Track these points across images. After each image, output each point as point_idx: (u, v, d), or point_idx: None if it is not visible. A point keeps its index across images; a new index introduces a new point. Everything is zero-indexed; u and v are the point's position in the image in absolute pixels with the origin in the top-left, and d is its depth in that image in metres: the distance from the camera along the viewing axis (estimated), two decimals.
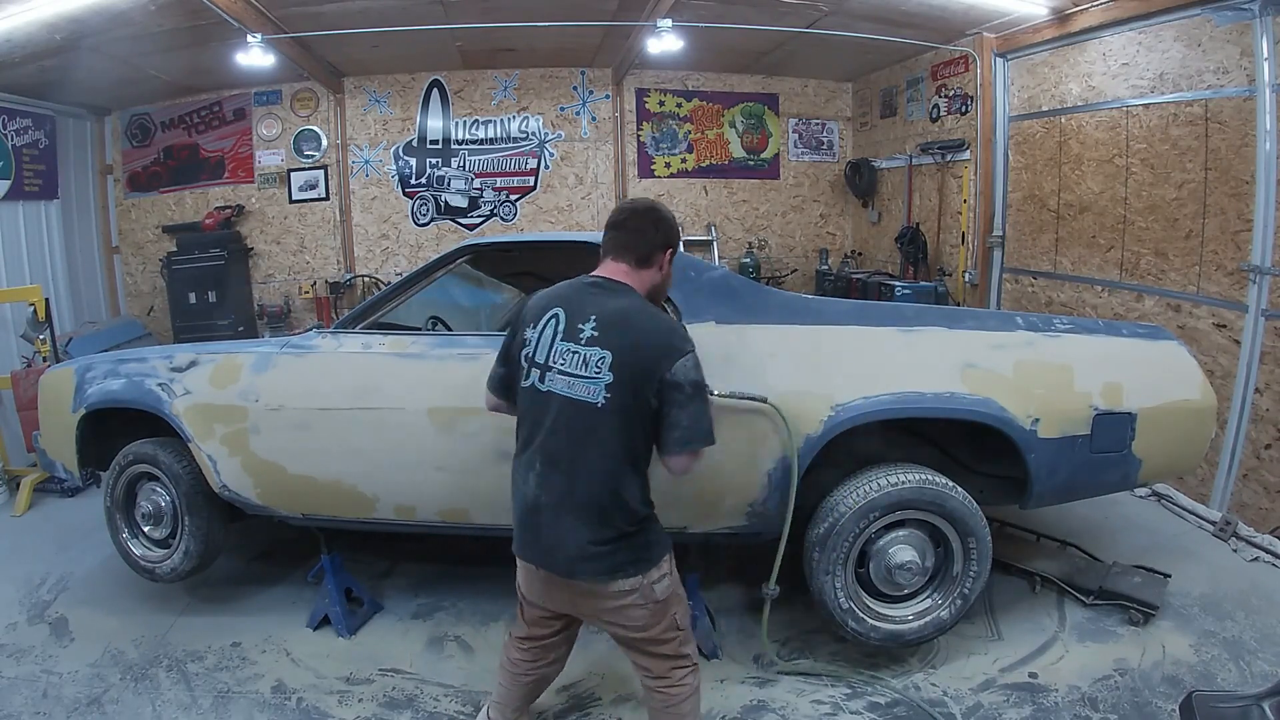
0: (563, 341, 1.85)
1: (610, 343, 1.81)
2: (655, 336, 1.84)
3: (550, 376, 1.84)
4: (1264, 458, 4.08)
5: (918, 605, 2.63)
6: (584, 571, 1.85)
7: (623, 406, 1.79)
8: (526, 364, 1.90)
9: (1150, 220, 4.68)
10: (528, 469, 1.88)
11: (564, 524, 1.84)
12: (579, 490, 1.82)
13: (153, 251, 7.47)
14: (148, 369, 3.07)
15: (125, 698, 2.66)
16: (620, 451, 1.82)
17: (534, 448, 1.87)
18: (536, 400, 1.87)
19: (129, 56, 5.80)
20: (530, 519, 1.89)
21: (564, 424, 1.82)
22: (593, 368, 1.79)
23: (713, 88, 7.94)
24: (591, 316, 1.84)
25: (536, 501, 1.87)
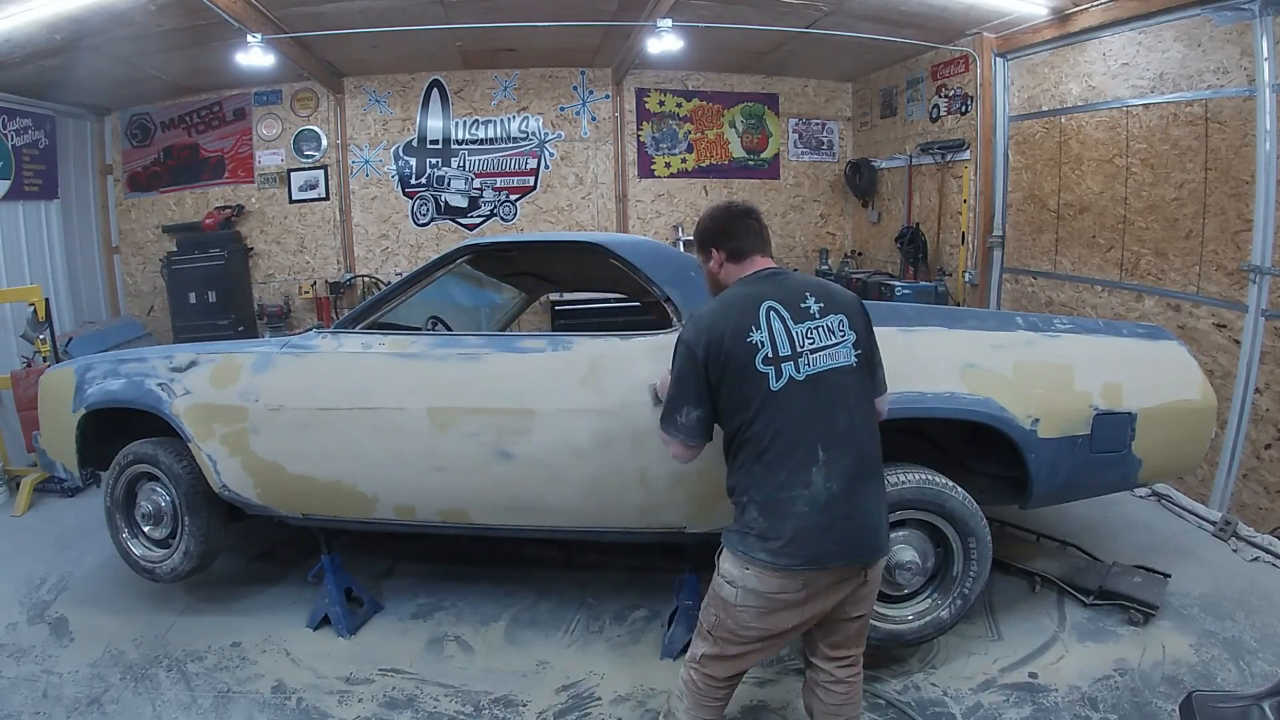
0: (798, 324, 1.85)
1: (837, 307, 1.92)
2: (851, 294, 2.02)
3: (805, 360, 1.83)
4: (1264, 458, 4.08)
5: (917, 605, 2.62)
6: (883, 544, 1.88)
7: (866, 360, 1.94)
8: (767, 365, 1.81)
9: (1150, 220, 4.68)
10: (805, 470, 1.79)
11: (864, 497, 1.83)
12: (866, 455, 1.86)
13: (153, 251, 7.47)
14: (148, 369, 3.07)
15: (125, 698, 2.66)
16: (871, 407, 1.95)
17: (811, 443, 1.80)
18: (800, 392, 1.81)
19: (129, 56, 5.80)
20: (829, 517, 1.78)
21: (835, 397, 1.84)
22: (838, 332, 1.88)
23: (713, 88, 7.94)
24: (806, 293, 1.90)
25: (829, 494, 1.78)
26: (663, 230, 7.98)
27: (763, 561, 1.79)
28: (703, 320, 1.89)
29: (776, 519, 1.79)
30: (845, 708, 2.01)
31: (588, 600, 3.21)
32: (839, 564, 1.81)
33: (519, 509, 2.77)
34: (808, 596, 1.82)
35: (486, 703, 2.60)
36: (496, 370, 2.72)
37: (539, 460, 2.64)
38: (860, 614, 1.94)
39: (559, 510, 2.75)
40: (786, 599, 1.82)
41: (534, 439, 2.64)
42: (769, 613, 1.84)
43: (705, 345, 1.85)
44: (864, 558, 1.84)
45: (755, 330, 1.83)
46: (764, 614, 1.84)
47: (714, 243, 2.04)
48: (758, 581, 1.81)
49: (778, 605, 1.82)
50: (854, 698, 2.03)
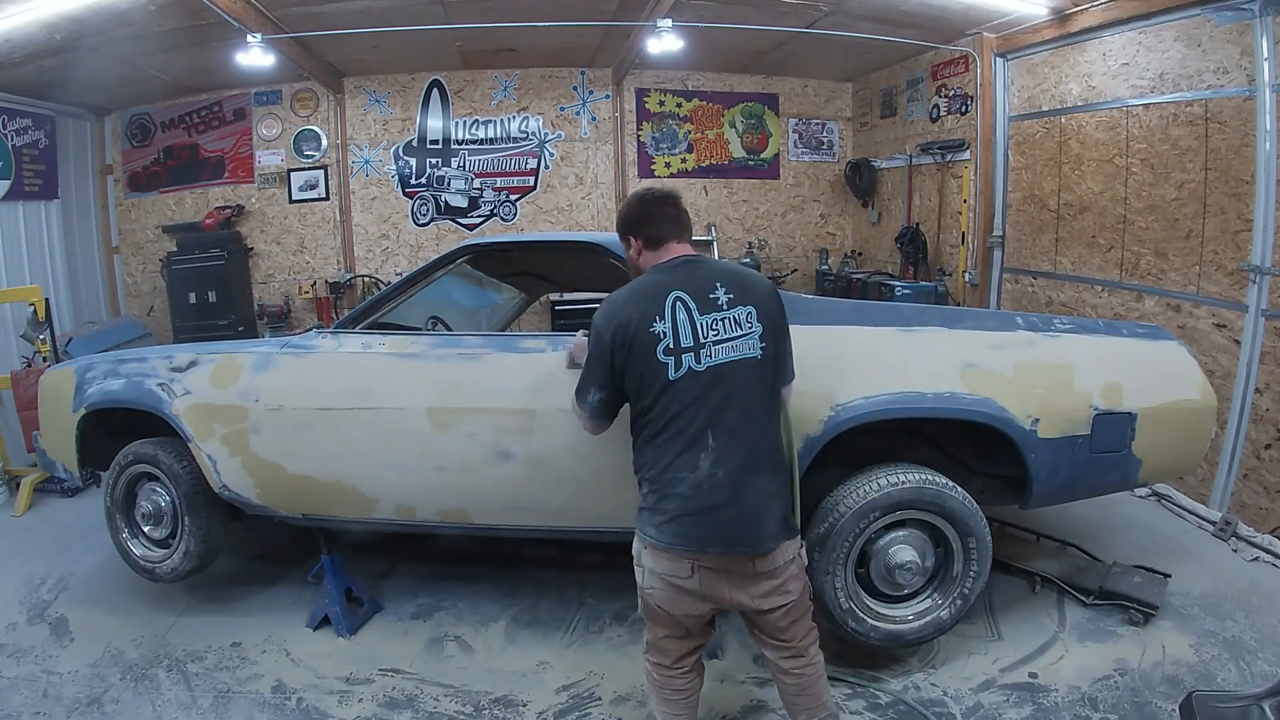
0: (704, 315, 1.87)
1: (748, 298, 1.92)
2: (765, 282, 2.01)
3: (706, 351, 1.86)
4: (1264, 458, 4.08)
5: (918, 605, 2.62)
6: (774, 533, 1.87)
7: (773, 353, 1.93)
8: (668, 356, 1.86)
9: (1150, 220, 4.68)
10: (697, 453, 1.84)
11: (751, 488, 1.85)
12: (760, 449, 1.88)
13: (153, 251, 7.47)
14: (148, 369, 3.07)
15: (125, 698, 2.66)
16: (773, 399, 1.95)
17: (702, 429, 1.84)
18: (695, 383, 1.85)
19: (129, 56, 5.80)
20: (710, 502, 1.83)
21: (733, 389, 1.86)
22: (745, 324, 1.88)
23: (713, 88, 7.94)
24: (716, 284, 1.90)
25: (714, 480, 1.83)
26: None
27: (650, 538, 1.89)
28: (613, 306, 1.95)
29: (662, 497, 1.87)
30: (801, 697, 2.05)
31: (588, 600, 3.21)
32: (717, 550, 1.85)
33: (519, 509, 2.77)
34: (702, 584, 1.88)
35: (486, 703, 2.60)
36: (496, 370, 2.72)
37: (539, 460, 2.64)
38: (772, 608, 1.92)
39: (559, 510, 2.76)
40: (681, 584, 1.88)
41: (534, 439, 2.64)
42: (672, 598, 1.91)
43: (612, 331, 1.91)
44: (743, 548, 1.86)
45: (659, 320, 1.87)
46: (668, 598, 1.92)
47: (631, 230, 2.06)
48: (652, 561, 1.90)
49: (676, 590, 1.89)
50: (808, 688, 2.04)
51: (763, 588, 1.90)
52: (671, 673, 2.05)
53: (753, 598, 1.91)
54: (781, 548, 1.90)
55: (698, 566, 1.86)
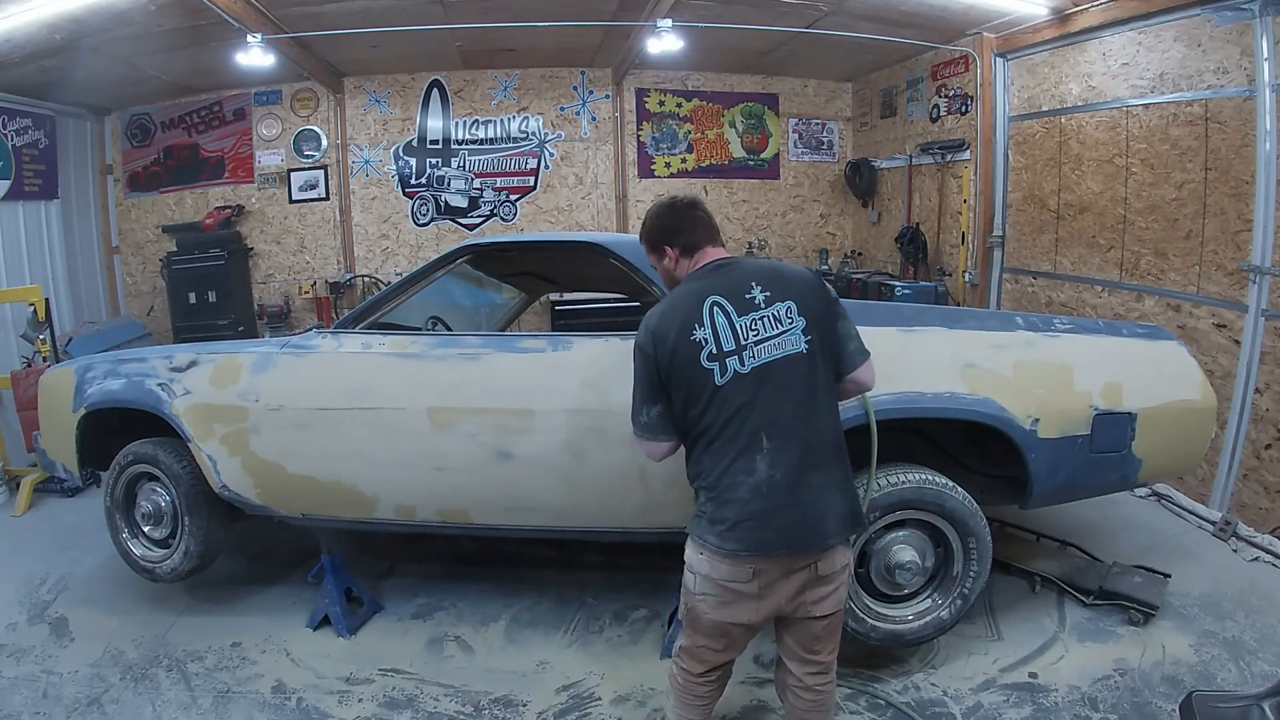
0: (742, 317, 1.85)
1: (785, 293, 1.88)
2: (804, 274, 1.97)
3: (749, 352, 1.84)
4: (1264, 458, 4.08)
5: (918, 605, 2.62)
6: (836, 529, 1.85)
7: (820, 345, 1.89)
8: (712, 362, 1.84)
9: (1150, 220, 4.68)
10: (753, 456, 1.81)
11: (810, 487, 1.82)
12: (814, 443, 1.84)
13: (153, 251, 7.47)
14: (148, 369, 3.07)
15: (125, 698, 2.66)
16: (828, 391, 1.91)
17: (755, 432, 1.82)
18: (743, 386, 1.83)
19: (129, 56, 5.80)
20: (771, 505, 1.80)
21: (782, 387, 1.83)
22: (785, 320, 1.86)
23: (713, 88, 7.94)
24: (752, 283, 1.88)
25: (772, 482, 1.80)
26: None
27: (712, 546, 1.84)
28: (651, 320, 1.93)
29: (721, 504, 1.84)
30: (812, 714, 2.02)
31: (588, 600, 3.21)
32: (783, 552, 1.82)
33: (519, 509, 2.77)
34: (762, 588, 1.84)
35: (486, 703, 2.60)
36: (496, 370, 2.72)
37: (539, 460, 2.64)
38: (824, 615, 1.90)
39: (559, 510, 2.75)
40: (739, 589, 1.84)
41: (534, 439, 2.64)
42: (726, 604, 1.87)
43: (654, 344, 1.89)
44: (808, 547, 1.83)
45: (699, 328, 1.86)
46: (721, 604, 1.87)
47: (666, 240, 2.04)
48: (710, 567, 1.85)
49: (732, 595, 1.85)
50: (822, 706, 2.02)
51: (820, 592, 1.87)
52: (698, 680, 2.03)
53: (808, 604, 1.88)
54: (841, 549, 1.88)
55: (759, 570, 1.82)
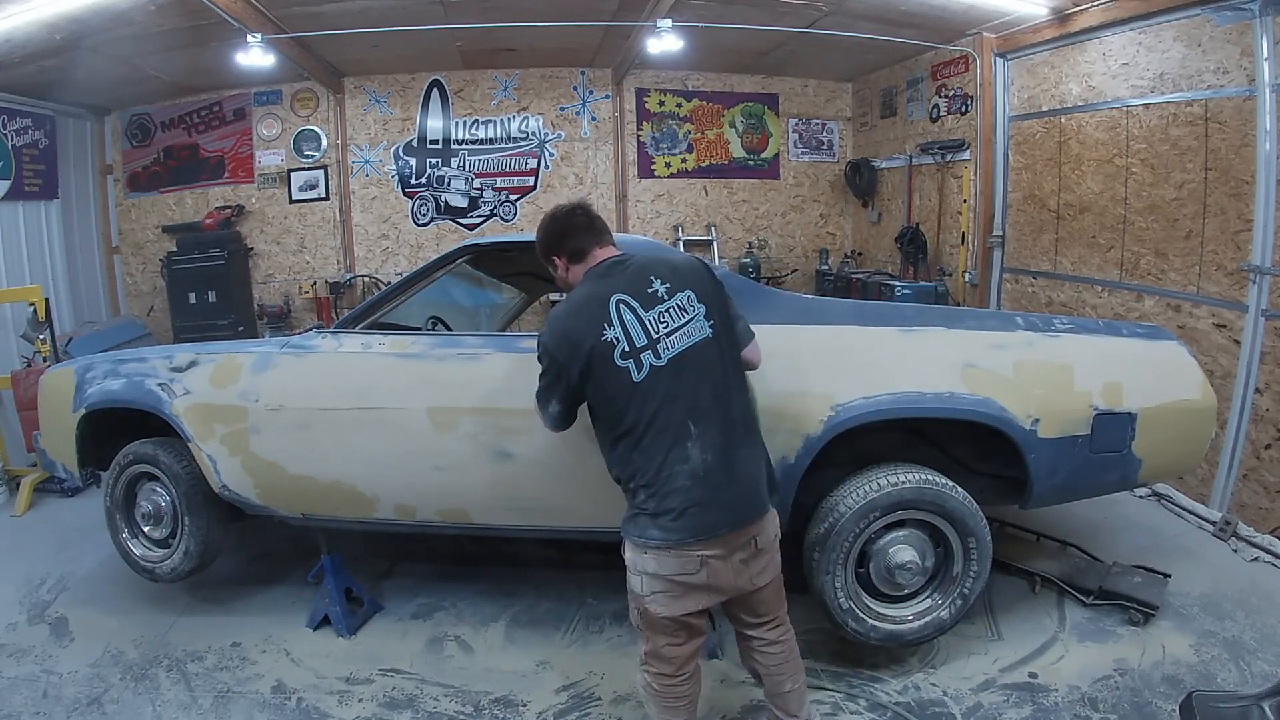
0: (649, 311, 1.90)
1: (683, 282, 1.96)
2: (692, 261, 2.09)
3: (663, 344, 1.88)
4: (1264, 458, 4.08)
5: (918, 605, 2.62)
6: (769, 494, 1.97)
7: (723, 328, 1.98)
8: (625, 360, 1.86)
9: (1150, 220, 4.68)
10: (683, 446, 1.85)
11: (738, 460, 1.90)
12: (734, 420, 1.92)
13: (153, 251, 7.47)
14: (148, 369, 3.07)
15: (125, 698, 2.66)
16: (734, 369, 2.00)
17: (683, 420, 1.86)
18: (661, 378, 1.86)
19: (129, 56, 5.80)
20: (711, 486, 1.85)
21: (698, 373, 1.90)
22: (690, 309, 1.93)
23: (713, 88, 7.94)
24: (651, 277, 1.95)
25: (706, 465, 1.85)
26: (663, 230, 7.98)
27: (656, 541, 1.85)
28: (557, 323, 1.95)
29: (663, 497, 1.85)
30: (786, 665, 2.11)
31: (588, 600, 3.21)
32: (727, 530, 1.87)
33: (519, 509, 2.77)
34: (709, 576, 1.88)
35: (486, 703, 2.60)
36: (496, 370, 2.72)
37: (539, 460, 2.64)
38: (766, 583, 2.00)
39: (559, 510, 2.76)
40: (689, 580, 1.87)
41: (534, 439, 2.63)
42: (677, 597, 1.89)
43: (566, 350, 1.91)
44: (750, 515, 1.91)
45: (609, 327, 1.88)
46: (673, 599, 1.89)
47: (553, 250, 2.10)
48: (656, 564, 1.87)
49: (682, 589, 1.88)
50: (790, 655, 2.13)
51: (761, 564, 1.96)
52: (674, 680, 2.03)
53: (753, 577, 1.96)
54: (771, 514, 1.99)
55: (705, 559, 1.86)
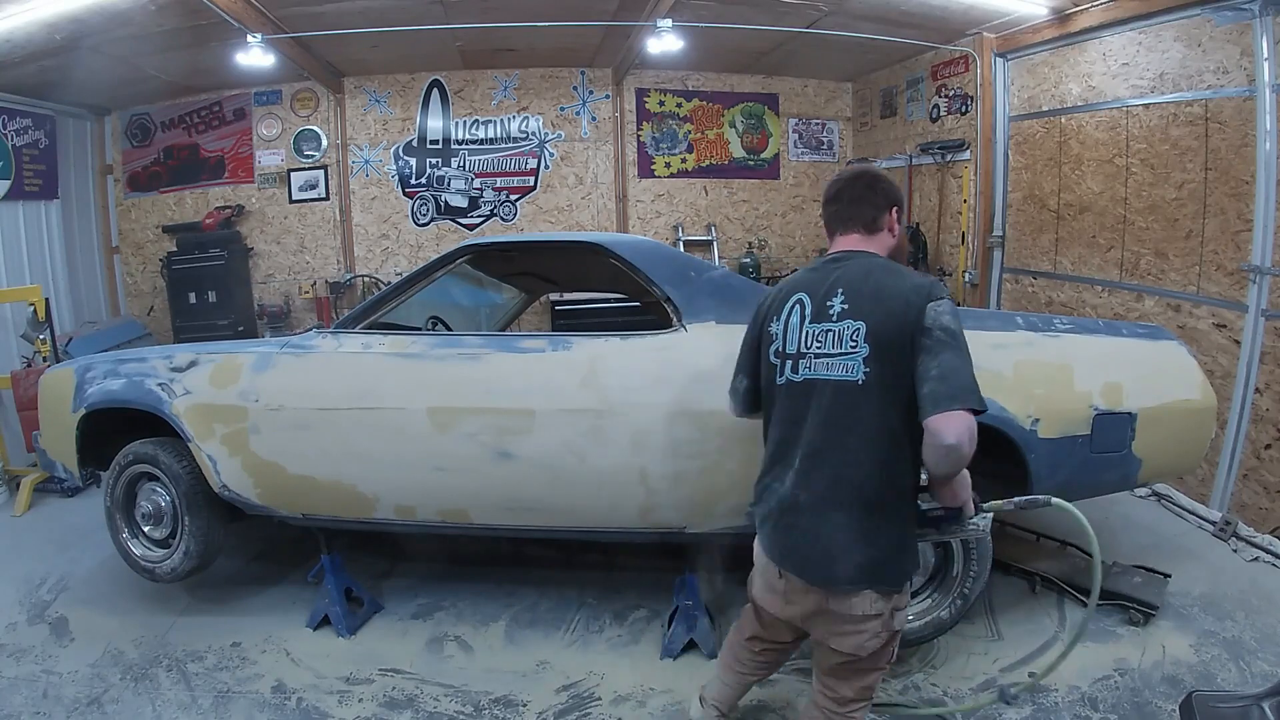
0: (813, 324, 1.72)
1: (862, 311, 1.67)
2: (906, 292, 1.65)
3: (805, 364, 1.72)
4: (1264, 458, 4.08)
5: (917, 605, 2.62)
6: (851, 578, 1.67)
7: (882, 380, 1.63)
8: (777, 360, 1.77)
9: (1150, 220, 4.68)
10: (785, 468, 1.75)
11: (828, 522, 1.68)
12: (848, 482, 1.66)
13: (153, 251, 7.47)
14: (148, 369, 3.07)
15: (125, 698, 2.66)
16: (886, 437, 1.65)
17: (792, 444, 1.73)
18: (793, 394, 1.73)
19: (129, 56, 5.80)
20: (784, 519, 1.75)
21: (826, 411, 1.68)
22: (848, 342, 1.65)
23: (713, 88, 7.94)
24: (839, 290, 1.71)
25: (794, 500, 1.72)
26: (663, 230, 7.98)
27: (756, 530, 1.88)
28: (766, 293, 1.91)
29: (759, 499, 1.85)
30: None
31: (588, 600, 3.21)
32: (789, 569, 1.77)
33: (519, 509, 2.77)
34: (786, 590, 1.81)
35: (486, 703, 2.60)
36: (496, 370, 2.72)
37: (539, 460, 2.64)
38: (834, 648, 1.77)
39: (559, 510, 2.76)
40: (772, 582, 1.85)
41: (534, 439, 2.64)
42: (763, 588, 1.90)
43: (755, 318, 1.88)
44: (813, 579, 1.73)
45: (776, 320, 1.80)
46: (762, 585, 1.91)
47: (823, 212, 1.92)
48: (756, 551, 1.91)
49: (767, 584, 1.88)
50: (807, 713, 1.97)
51: (836, 628, 1.75)
52: (743, 643, 2.07)
53: (823, 632, 1.78)
54: (861, 597, 1.69)
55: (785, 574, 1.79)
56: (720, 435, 2.54)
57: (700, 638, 2.80)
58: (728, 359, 2.57)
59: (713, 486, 2.59)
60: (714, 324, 2.66)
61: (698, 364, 2.59)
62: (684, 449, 2.56)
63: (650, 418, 2.57)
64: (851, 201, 1.84)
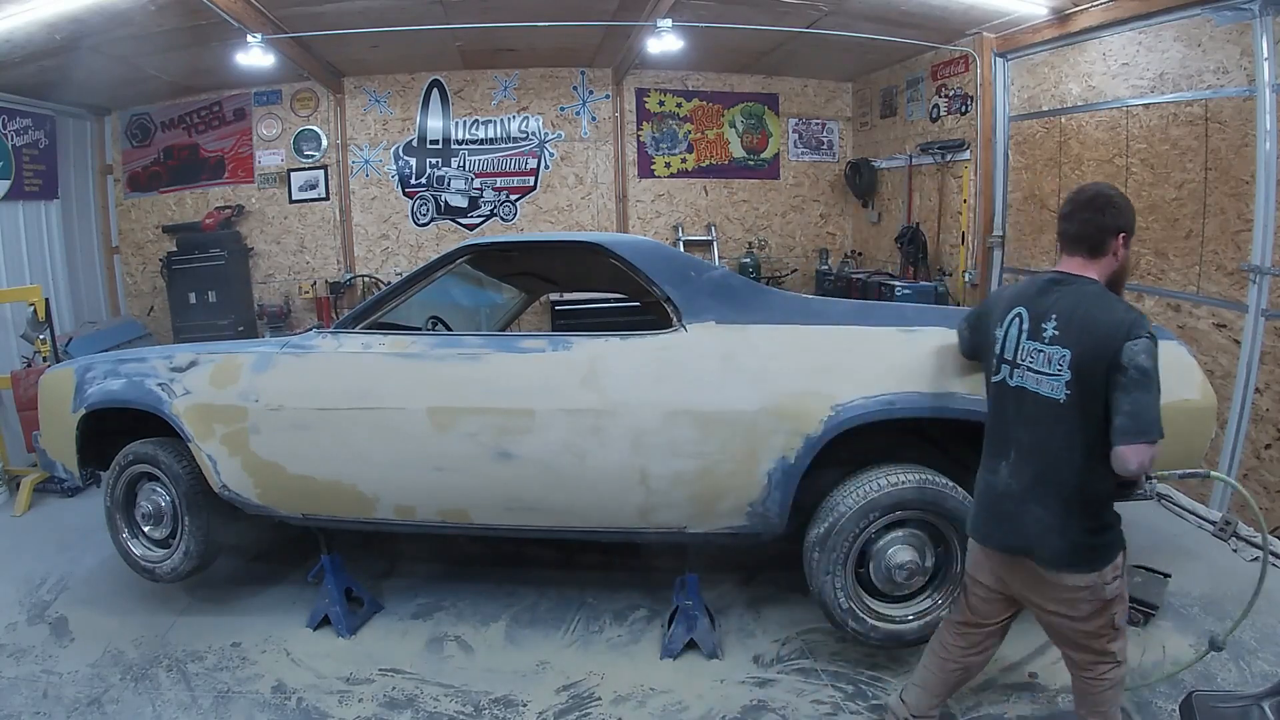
0: (1029, 340, 1.94)
1: (1070, 340, 1.87)
2: (1109, 327, 1.83)
3: (1019, 373, 1.96)
4: (1264, 458, 4.08)
5: (918, 605, 2.63)
6: (1045, 558, 1.93)
7: (1081, 403, 1.85)
8: (996, 360, 2.02)
9: (1150, 220, 4.68)
10: (999, 458, 2.01)
11: (1031, 513, 1.93)
12: (1048, 481, 1.92)
13: (153, 251, 7.47)
14: (148, 369, 3.07)
15: (125, 698, 2.66)
16: (1082, 447, 1.87)
17: (1006, 439, 2.00)
18: (1006, 394, 1.99)
19: (129, 56, 5.80)
20: (998, 505, 2.00)
21: (1033, 417, 1.93)
22: (1054, 365, 1.88)
23: (713, 88, 7.94)
24: (1052, 315, 1.90)
25: (1008, 488, 1.97)
26: (663, 230, 7.98)
27: None
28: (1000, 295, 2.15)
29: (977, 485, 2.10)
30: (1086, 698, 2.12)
31: (588, 600, 3.21)
32: (993, 547, 2.04)
33: (519, 509, 2.77)
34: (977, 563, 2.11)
35: (486, 703, 2.61)
36: (496, 370, 2.72)
37: (539, 460, 2.65)
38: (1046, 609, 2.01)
39: (559, 510, 2.76)
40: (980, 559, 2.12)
41: (534, 439, 2.64)
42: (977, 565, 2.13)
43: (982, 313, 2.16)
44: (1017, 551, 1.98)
45: (999, 327, 2.04)
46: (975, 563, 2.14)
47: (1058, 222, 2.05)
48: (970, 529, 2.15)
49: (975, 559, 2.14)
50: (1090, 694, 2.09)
51: (1049, 594, 1.97)
52: (951, 630, 2.23)
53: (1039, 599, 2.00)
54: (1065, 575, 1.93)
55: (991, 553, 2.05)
56: (720, 435, 2.54)
57: (700, 638, 2.80)
58: (728, 359, 2.59)
59: (713, 486, 2.59)
60: (714, 324, 2.66)
61: (698, 364, 2.59)
62: (684, 449, 2.56)
63: (650, 418, 2.57)
64: (1081, 225, 1.96)
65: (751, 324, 2.66)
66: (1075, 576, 1.91)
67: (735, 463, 2.55)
